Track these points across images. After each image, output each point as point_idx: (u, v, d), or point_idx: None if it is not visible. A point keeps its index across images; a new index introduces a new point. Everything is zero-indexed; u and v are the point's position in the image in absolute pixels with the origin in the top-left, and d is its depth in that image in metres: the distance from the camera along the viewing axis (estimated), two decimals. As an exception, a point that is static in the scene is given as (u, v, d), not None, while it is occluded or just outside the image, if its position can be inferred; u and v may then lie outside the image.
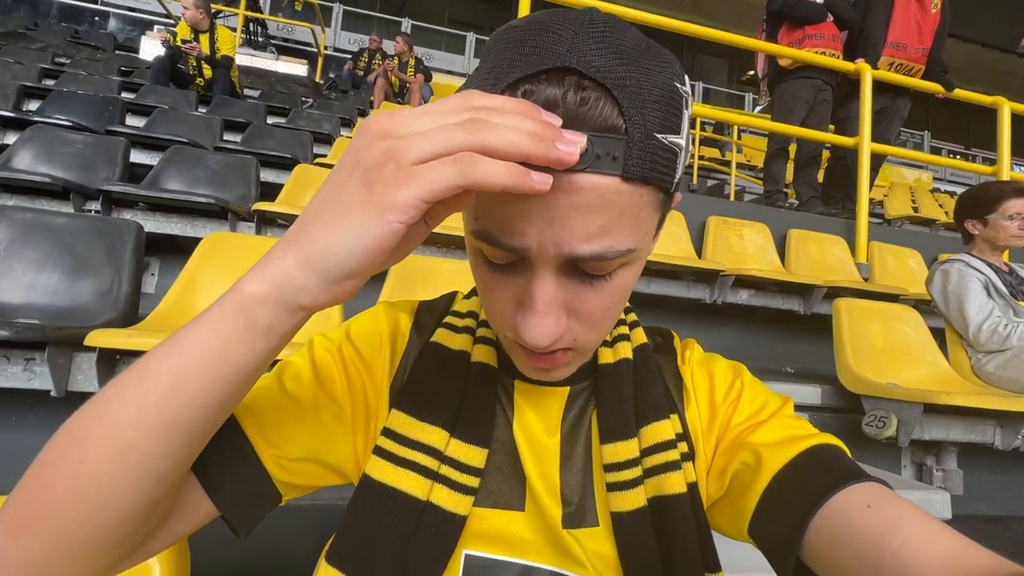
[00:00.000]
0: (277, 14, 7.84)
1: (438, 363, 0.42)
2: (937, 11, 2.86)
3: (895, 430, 1.46)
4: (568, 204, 0.28)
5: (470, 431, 0.40)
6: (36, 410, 1.16)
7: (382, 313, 0.46)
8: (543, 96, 0.28)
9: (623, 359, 0.43)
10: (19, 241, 1.24)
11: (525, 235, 0.30)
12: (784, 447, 0.37)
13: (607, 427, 0.40)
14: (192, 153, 2.18)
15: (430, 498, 0.38)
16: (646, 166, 0.29)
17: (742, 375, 0.45)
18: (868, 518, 0.31)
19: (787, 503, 0.35)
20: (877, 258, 2.76)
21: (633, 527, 0.38)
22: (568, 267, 0.32)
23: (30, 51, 4.59)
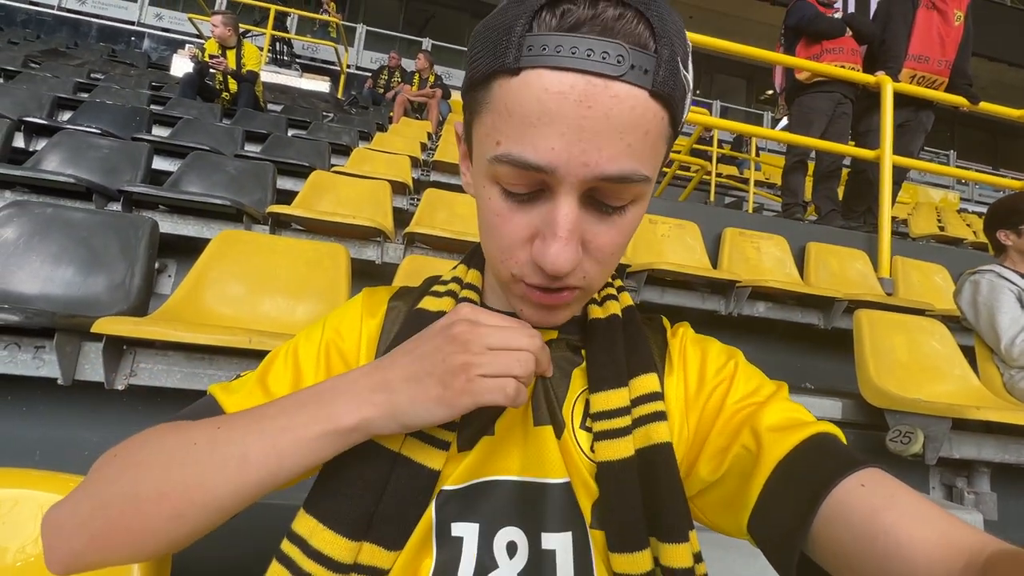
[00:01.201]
0: (305, 34, 8.10)
1: (420, 325, 0.41)
2: (960, 24, 2.82)
3: (922, 446, 1.38)
4: (601, 116, 0.30)
5: None
6: (44, 400, 1.17)
7: (359, 298, 0.49)
8: (580, 13, 0.30)
9: (613, 314, 0.44)
10: (37, 235, 1.27)
11: (555, 150, 0.30)
12: (786, 434, 0.37)
13: (599, 376, 0.41)
14: (212, 159, 2.23)
15: (401, 450, 0.38)
16: (670, 85, 0.31)
17: (736, 357, 0.45)
18: (862, 497, 0.32)
19: (792, 494, 0.34)
20: (901, 273, 2.68)
21: (620, 477, 0.38)
22: (587, 197, 0.33)
23: (68, 67, 4.80)
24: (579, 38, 0.30)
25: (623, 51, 0.29)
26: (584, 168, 0.31)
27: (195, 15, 6.47)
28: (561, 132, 0.30)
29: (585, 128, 0.30)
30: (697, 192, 5.55)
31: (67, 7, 8.49)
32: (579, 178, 0.31)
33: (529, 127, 0.31)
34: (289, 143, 3.06)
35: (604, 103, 0.30)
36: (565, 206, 0.33)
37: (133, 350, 1.06)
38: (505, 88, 0.31)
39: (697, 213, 2.72)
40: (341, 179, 2.26)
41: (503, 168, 0.33)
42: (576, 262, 0.34)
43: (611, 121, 0.30)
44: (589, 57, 0.29)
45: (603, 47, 0.29)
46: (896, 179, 2.95)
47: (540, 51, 0.30)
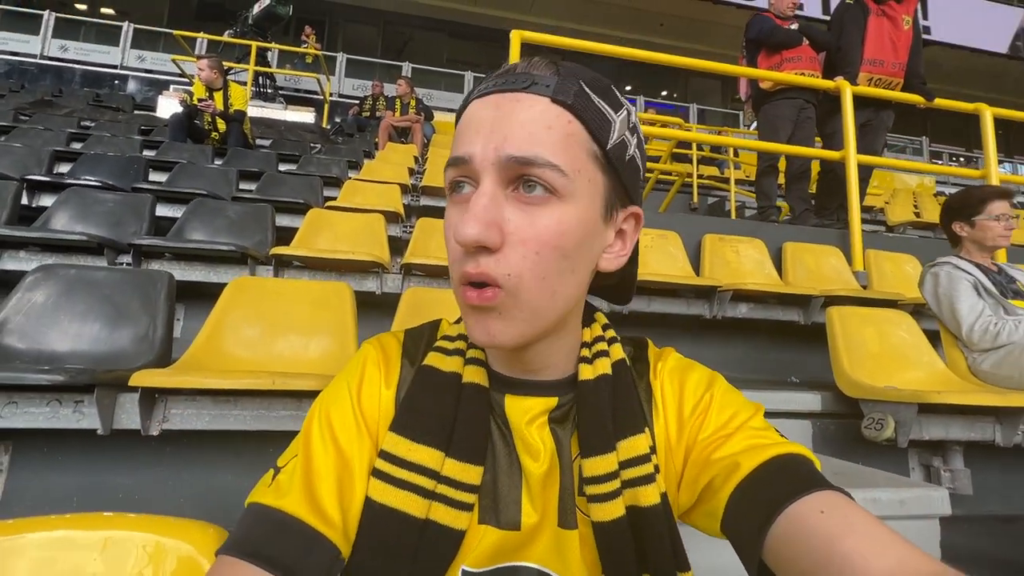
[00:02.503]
0: (285, 66, 8.25)
1: (431, 385, 0.45)
2: (909, 27, 3.00)
3: (893, 431, 1.50)
4: (509, 113, 0.37)
5: (465, 450, 0.42)
6: (79, 449, 1.26)
7: (371, 355, 0.48)
8: (504, 68, 0.40)
9: (602, 375, 0.45)
10: (65, 296, 1.36)
11: (474, 142, 0.38)
12: (749, 455, 0.39)
13: (587, 443, 0.42)
14: (212, 205, 2.34)
15: (429, 516, 0.40)
16: (574, 100, 0.38)
17: (713, 387, 0.46)
18: (821, 522, 0.33)
19: (750, 508, 0.37)
20: (874, 265, 2.82)
21: (613, 534, 0.41)
22: (508, 185, 0.37)
23: (57, 117, 4.90)
24: (507, 75, 0.39)
25: (529, 76, 0.38)
26: (494, 152, 0.36)
27: (178, 56, 6.60)
28: (478, 130, 0.37)
29: (496, 124, 0.37)
30: (682, 195, 5.72)
31: (49, 55, 8.60)
32: (490, 160, 0.37)
33: (462, 135, 0.39)
34: (283, 180, 3.18)
35: (510, 106, 0.37)
36: (482, 187, 0.37)
37: (164, 397, 1.16)
38: (461, 119, 0.41)
39: (678, 222, 2.86)
40: (337, 215, 2.37)
41: (448, 172, 0.39)
42: (481, 234, 0.35)
43: (515, 116, 0.37)
44: (504, 84, 0.38)
45: (515, 76, 0.39)
46: (863, 175, 3.11)
47: (476, 91, 0.40)
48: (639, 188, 0.44)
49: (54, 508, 1.37)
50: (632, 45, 2.87)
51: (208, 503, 1.31)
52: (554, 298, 0.39)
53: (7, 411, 1.09)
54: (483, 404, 0.44)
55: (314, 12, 10.42)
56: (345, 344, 1.41)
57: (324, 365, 1.35)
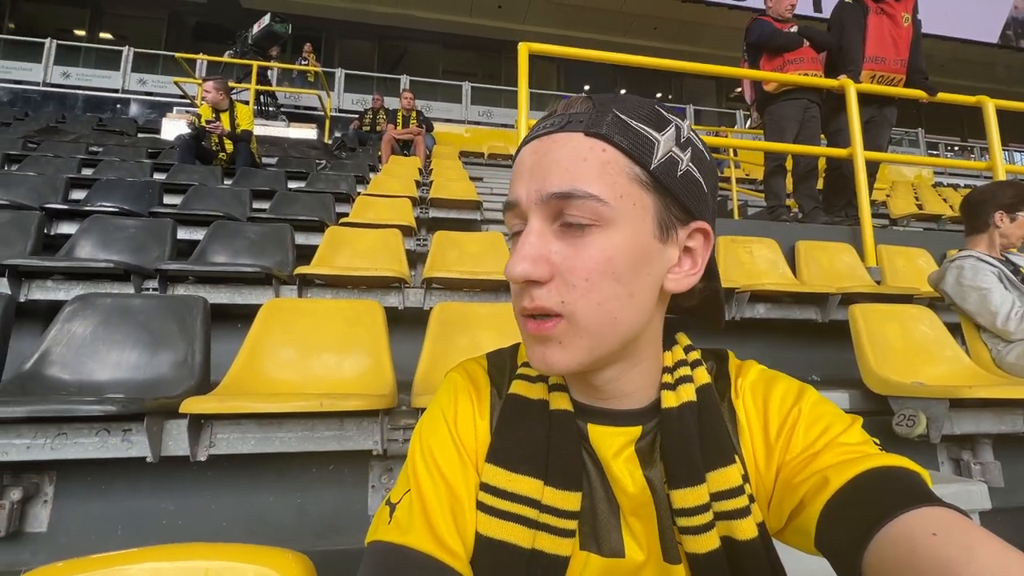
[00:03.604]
0: (283, 83, 8.32)
1: (521, 414, 0.45)
2: (909, 24, 3.03)
3: (925, 427, 1.51)
4: (545, 156, 0.39)
5: (562, 477, 0.42)
6: (122, 477, 1.27)
7: (461, 384, 0.49)
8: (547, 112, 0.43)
9: (686, 403, 0.43)
10: (103, 325, 1.38)
11: (519, 186, 0.40)
12: (839, 468, 0.37)
13: (674, 474, 0.41)
14: (232, 227, 2.36)
15: (535, 546, 0.41)
16: (608, 129, 0.39)
17: (801, 401, 0.44)
18: (934, 546, 0.29)
19: (844, 525, 0.34)
20: (887, 260, 2.83)
21: (709, 568, 0.39)
22: (555, 221, 0.39)
23: (65, 143, 4.95)
24: (544, 120, 0.42)
25: (566, 116, 0.40)
26: (535, 192, 0.39)
27: (179, 78, 6.67)
28: (522, 174, 0.40)
29: (536, 166, 0.39)
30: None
31: (52, 82, 8.69)
32: (534, 200, 0.39)
33: (512, 180, 0.42)
34: (295, 199, 3.21)
35: (548, 148, 0.39)
36: (530, 226, 0.39)
37: (211, 423, 1.17)
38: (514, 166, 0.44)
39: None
40: (354, 232, 2.39)
41: (505, 216, 0.42)
42: (526, 269, 0.38)
43: (552, 156, 0.39)
44: (545, 127, 0.41)
45: (554, 119, 0.41)
46: (870, 171, 3.13)
47: (524, 140, 0.43)
48: (705, 202, 0.42)
49: (99, 536, 1.38)
50: (626, 49, 2.91)
51: (251, 526, 1.32)
52: (615, 324, 0.39)
53: (57, 442, 1.11)
54: (573, 430, 0.44)
55: (310, 29, 10.51)
56: (380, 361, 1.43)
57: (362, 384, 1.36)
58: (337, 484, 1.40)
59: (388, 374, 1.38)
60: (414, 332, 1.58)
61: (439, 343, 1.42)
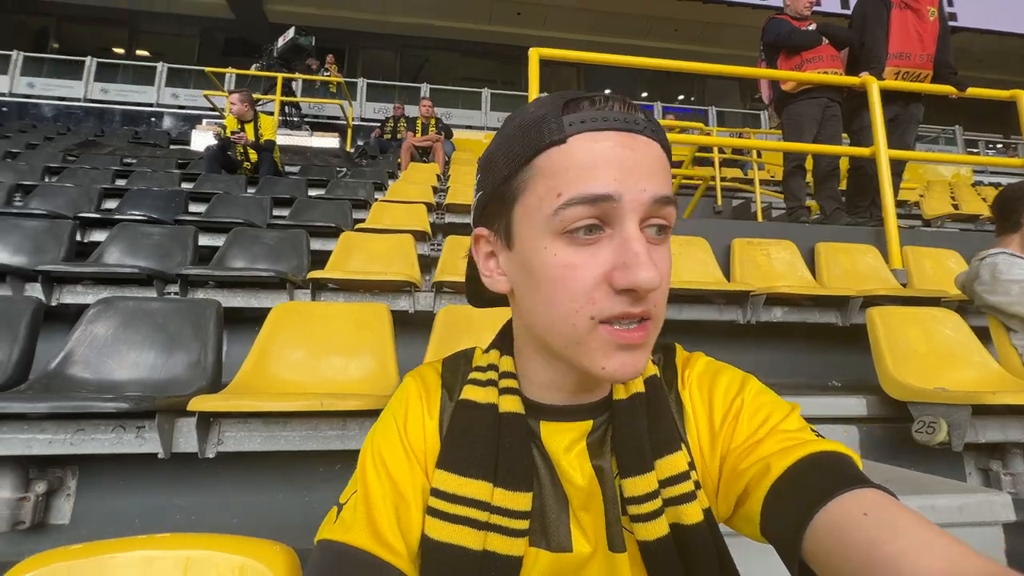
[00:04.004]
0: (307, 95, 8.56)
1: (470, 418, 0.45)
2: (935, 19, 2.93)
3: (946, 435, 1.45)
4: (641, 156, 0.38)
5: (511, 479, 0.42)
6: (142, 473, 1.32)
7: (412, 389, 0.50)
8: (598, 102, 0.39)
9: (636, 393, 0.45)
10: (123, 327, 1.45)
11: (616, 180, 0.36)
12: (780, 456, 0.39)
13: (625, 464, 0.42)
14: (250, 233, 2.44)
15: (485, 547, 0.41)
16: (666, 146, 0.41)
17: (744, 391, 0.45)
18: (864, 525, 0.31)
19: (785, 509, 0.36)
20: (913, 262, 2.73)
21: (659, 554, 0.41)
22: (642, 221, 0.38)
23: (101, 156, 5.19)
24: (607, 111, 0.38)
25: (640, 117, 0.39)
26: (642, 192, 0.37)
27: (209, 91, 6.92)
28: (616, 167, 0.36)
29: (633, 165, 0.37)
30: (705, 199, 5.65)
31: (92, 98, 9.14)
32: (640, 202, 0.37)
33: (588, 171, 0.36)
34: (314, 205, 3.29)
35: (640, 147, 0.38)
36: (634, 231, 0.37)
37: (219, 421, 1.21)
38: (555, 155, 0.38)
39: (704, 227, 2.83)
40: (368, 237, 2.44)
41: (571, 211, 0.37)
42: (656, 278, 0.36)
43: (647, 158, 0.38)
44: (617, 121, 0.38)
45: (625, 115, 0.38)
46: (896, 170, 3.03)
47: (579, 123, 0.38)
48: None
49: (118, 528, 1.44)
50: (646, 52, 2.90)
51: (259, 521, 1.35)
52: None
53: (76, 438, 1.16)
54: (522, 431, 0.44)
55: (334, 41, 10.79)
56: (385, 363, 1.45)
57: (367, 385, 1.39)
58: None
59: (392, 375, 1.40)
60: (424, 335, 1.60)
61: (443, 345, 1.43)
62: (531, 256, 0.39)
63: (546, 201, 0.38)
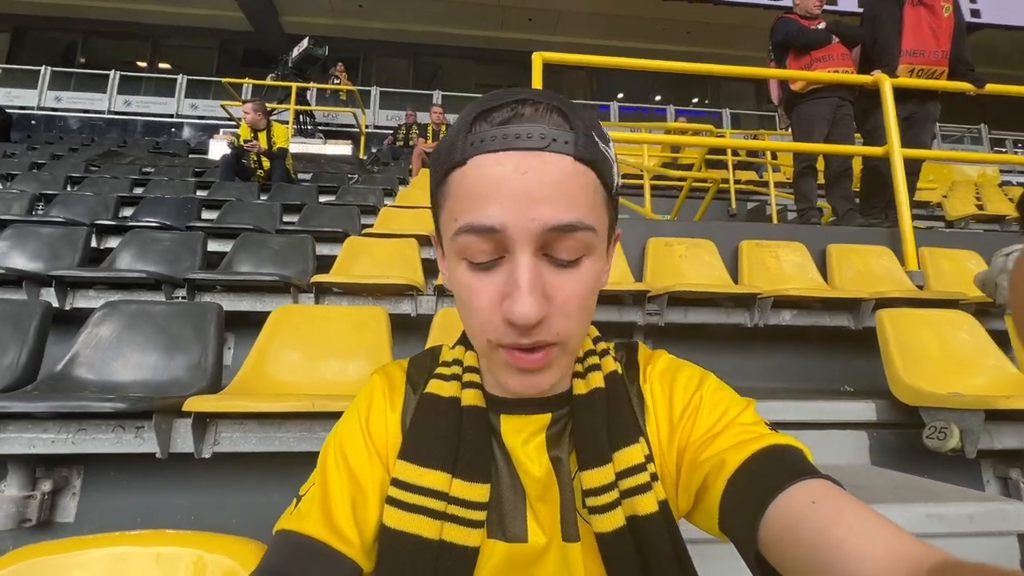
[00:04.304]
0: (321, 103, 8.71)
1: (433, 411, 0.46)
2: (950, 15, 2.86)
3: (959, 441, 1.40)
4: (536, 178, 0.35)
5: (469, 470, 0.43)
6: (143, 473, 1.35)
7: (377, 384, 0.51)
8: (504, 115, 0.37)
9: (595, 388, 0.46)
10: (127, 329, 1.48)
11: (504, 209, 0.35)
12: (736, 450, 0.40)
13: (584, 457, 0.43)
14: (258, 238, 2.48)
15: (442, 536, 0.42)
16: (590, 153, 0.37)
17: (703, 387, 0.47)
18: (812, 513, 0.33)
19: (741, 502, 0.37)
20: (930, 264, 2.65)
21: (615, 545, 0.42)
22: (542, 254, 0.37)
23: (122, 165, 5.35)
24: (508, 127, 0.36)
25: (544, 130, 0.36)
26: (532, 222, 0.35)
27: (226, 102, 7.09)
28: (505, 195, 0.35)
29: (526, 190, 0.35)
30: (719, 202, 5.58)
31: (115, 110, 9.44)
32: (529, 232, 0.35)
33: (479, 199, 0.36)
34: (322, 211, 3.33)
35: (537, 168, 0.35)
36: (523, 260, 0.36)
37: (215, 422, 1.23)
38: (458, 177, 0.37)
39: (712, 230, 2.80)
40: (373, 241, 2.46)
41: (465, 238, 0.37)
42: (541, 312, 0.36)
43: (545, 180, 0.35)
44: (518, 139, 0.36)
45: (527, 130, 0.36)
46: (913, 169, 2.96)
47: (479, 143, 0.36)
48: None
49: (120, 528, 1.46)
50: (660, 56, 2.88)
51: (256, 521, 1.36)
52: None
53: (78, 437, 1.18)
54: (483, 424, 0.46)
55: (348, 50, 10.97)
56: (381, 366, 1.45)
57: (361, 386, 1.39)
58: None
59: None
60: (425, 339, 1.60)
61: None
62: (451, 270, 0.40)
63: (450, 223, 0.38)
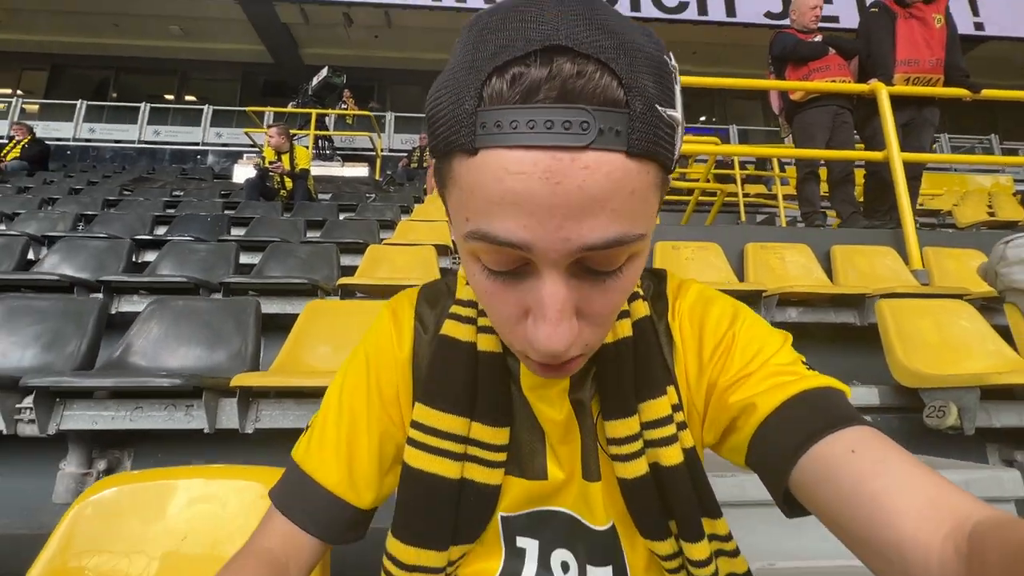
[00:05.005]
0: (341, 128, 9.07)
1: (450, 356, 0.45)
2: (942, 25, 2.98)
3: (956, 418, 1.45)
4: (574, 189, 0.26)
5: (489, 414, 0.43)
6: (188, 452, 1.46)
7: (385, 322, 0.49)
8: (533, 75, 0.26)
9: (623, 338, 0.43)
10: (174, 324, 1.62)
11: (527, 227, 0.28)
12: (771, 393, 0.38)
13: (608, 406, 0.42)
14: (285, 247, 2.64)
15: (463, 475, 0.43)
16: (650, 140, 0.28)
17: (735, 324, 0.43)
18: (851, 462, 0.32)
19: (773, 447, 0.36)
20: (935, 263, 2.71)
21: (637, 490, 0.42)
22: (576, 266, 0.30)
23: (153, 189, 5.64)
24: (535, 109, 0.26)
25: (587, 116, 0.26)
26: (564, 243, 0.28)
27: (250, 129, 7.44)
28: (530, 211, 0.27)
29: (557, 204, 0.27)
30: (728, 215, 5.66)
31: (145, 140, 9.93)
32: (560, 253, 0.28)
33: (495, 206, 0.28)
34: (344, 225, 3.50)
35: (574, 176, 0.26)
36: (550, 285, 0.30)
37: (257, 401, 1.35)
38: (465, 167, 0.29)
39: (718, 234, 2.89)
40: (393, 249, 2.60)
41: (478, 245, 0.30)
42: (570, 341, 0.31)
43: (586, 192, 0.27)
44: (550, 130, 0.26)
45: (564, 116, 0.26)
46: (912, 175, 3.03)
47: (495, 129, 0.27)
48: None
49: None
50: None
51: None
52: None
53: (135, 415, 1.31)
54: (501, 369, 0.44)
55: (364, 78, 11.41)
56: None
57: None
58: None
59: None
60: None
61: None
62: (462, 255, 0.34)
63: (458, 216, 0.31)
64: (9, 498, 1.46)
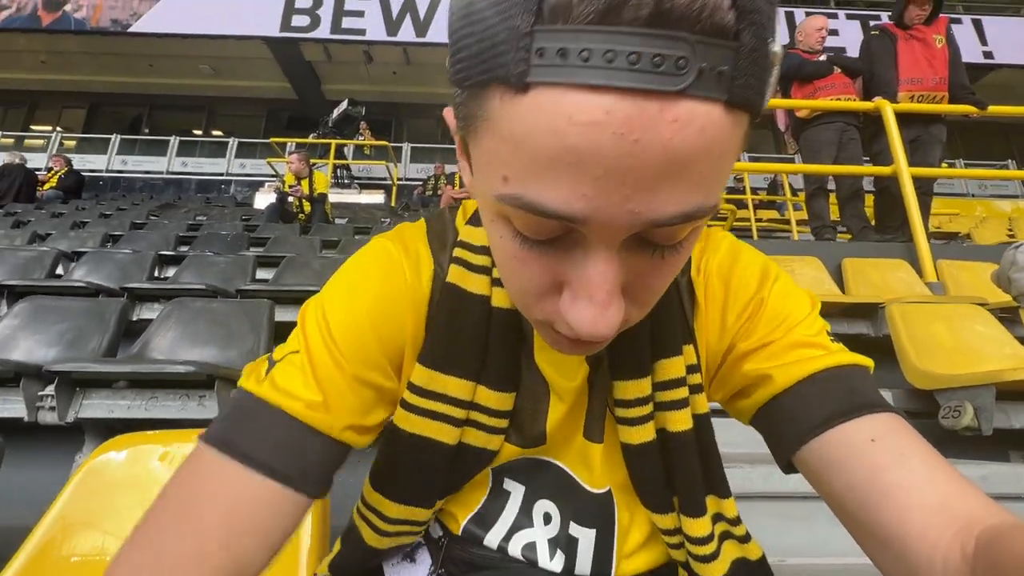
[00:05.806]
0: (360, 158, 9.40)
1: (458, 309, 0.39)
2: (943, 45, 3.03)
3: (972, 418, 1.42)
4: (657, 151, 0.21)
5: (497, 379, 0.39)
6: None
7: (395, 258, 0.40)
8: None
9: None
10: (191, 322, 1.67)
11: (588, 196, 0.22)
12: (792, 367, 0.36)
13: (619, 365, 0.39)
14: (299, 260, 2.72)
15: (461, 440, 0.40)
16: (755, 86, 0.21)
17: (765, 287, 0.40)
18: (868, 453, 0.31)
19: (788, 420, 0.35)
20: (948, 276, 2.67)
21: (640, 456, 0.40)
22: (633, 239, 0.25)
23: (178, 214, 5.87)
24: (616, 35, 0.19)
25: (686, 50, 0.19)
26: (631, 216, 0.22)
27: (272, 158, 7.76)
28: (595, 176, 0.21)
29: (631, 168, 0.21)
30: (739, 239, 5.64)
31: (172, 171, 10.40)
32: (622, 227, 0.23)
33: (546, 167, 0.22)
34: (358, 244, 3.59)
35: (660, 133, 0.20)
36: (603, 263, 0.25)
37: (267, 392, 1.38)
38: (509, 108, 0.22)
39: (726, 248, 2.89)
40: (404, 261, 2.67)
41: (514, 212, 0.24)
42: (619, 324, 0.26)
43: (670, 154, 0.21)
44: (634, 66, 0.19)
45: (655, 48, 0.19)
46: (923, 190, 3.03)
47: (557, 59, 0.20)
48: None
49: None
50: None
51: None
52: None
53: (150, 404, 1.35)
54: (514, 329, 0.39)
55: (383, 112, 11.85)
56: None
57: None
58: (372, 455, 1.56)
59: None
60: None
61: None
62: (483, 213, 0.29)
63: (490, 171, 0.25)
64: (25, 490, 1.49)
